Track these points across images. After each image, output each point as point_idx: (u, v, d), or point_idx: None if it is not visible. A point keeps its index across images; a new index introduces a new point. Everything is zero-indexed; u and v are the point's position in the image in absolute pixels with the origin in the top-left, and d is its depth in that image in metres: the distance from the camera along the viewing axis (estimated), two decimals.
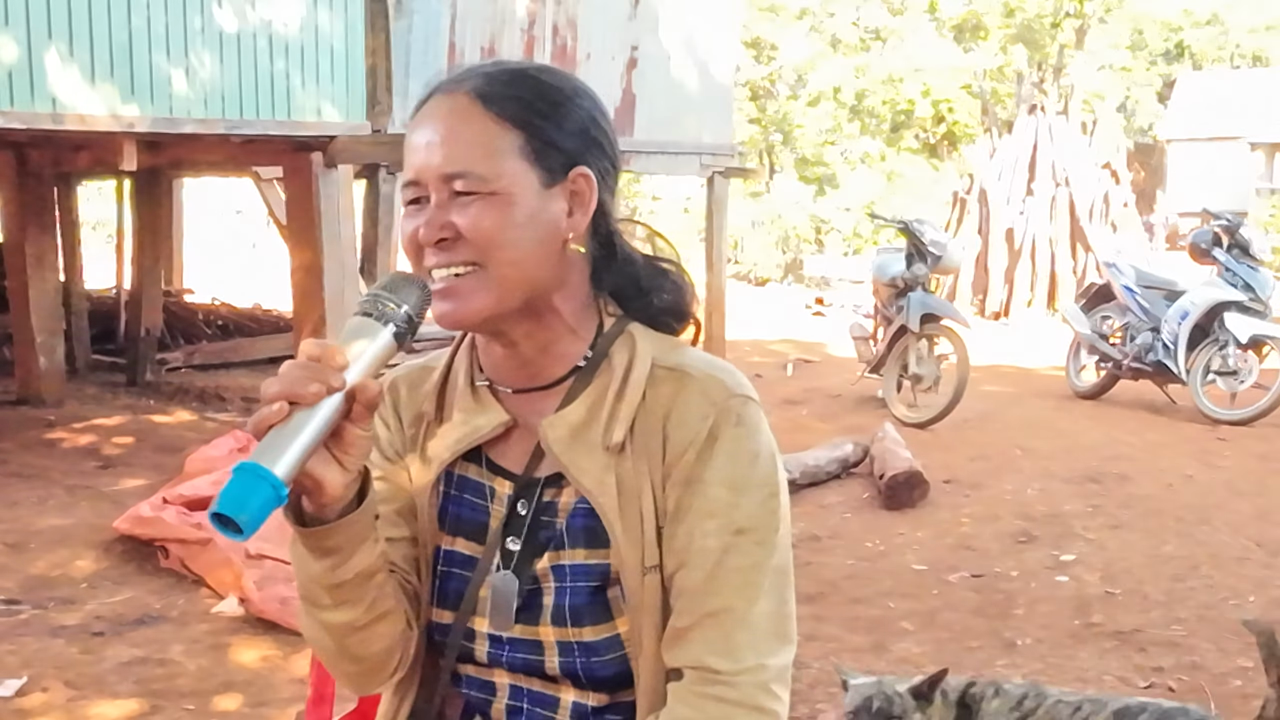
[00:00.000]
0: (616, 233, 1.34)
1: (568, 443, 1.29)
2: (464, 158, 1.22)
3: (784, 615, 1.28)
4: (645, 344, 1.31)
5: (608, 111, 1.33)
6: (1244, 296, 8.55)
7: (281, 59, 7.64)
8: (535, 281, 1.26)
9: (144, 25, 6.99)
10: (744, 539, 1.25)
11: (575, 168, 1.26)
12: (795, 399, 9.47)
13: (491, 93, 1.25)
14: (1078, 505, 6.38)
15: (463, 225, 1.22)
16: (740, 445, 1.26)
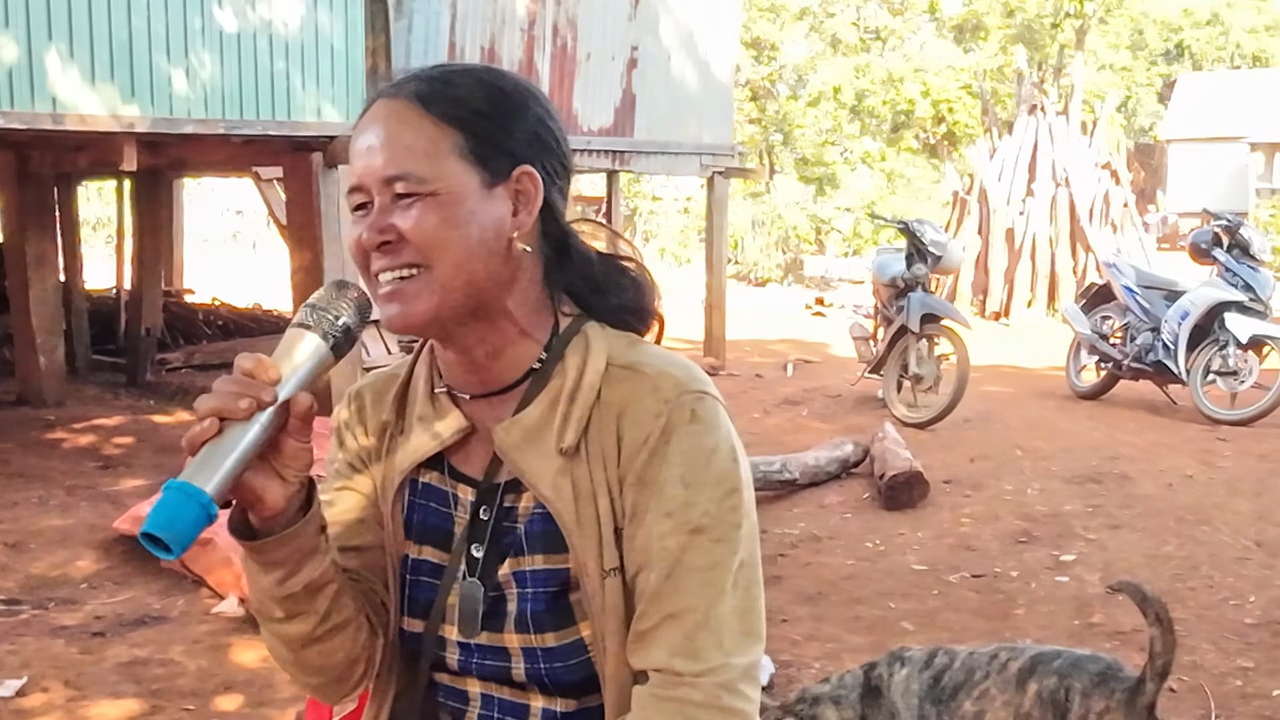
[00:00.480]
0: (570, 232, 1.33)
1: (522, 447, 1.27)
2: (403, 160, 1.22)
3: (750, 612, 1.25)
4: (600, 343, 1.29)
5: (556, 113, 1.32)
6: (1244, 297, 8.55)
7: (282, 59, 7.64)
8: (480, 282, 1.25)
9: (144, 25, 6.99)
10: (703, 537, 1.22)
11: (519, 167, 1.25)
12: (795, 399, 9.47)
13: (431, 95, 1.24)
14: (1078, 505, 6.38)
15: (404, 227, 1.22)
16: (695, 442, 1.23)
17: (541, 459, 1.26)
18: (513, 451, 1.28)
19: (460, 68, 1.30)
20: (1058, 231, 15.92)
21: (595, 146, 10.91)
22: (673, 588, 1.22)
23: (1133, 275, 9.50)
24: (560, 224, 1.31)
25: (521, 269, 1.28)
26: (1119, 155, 17.37)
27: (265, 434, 1.15)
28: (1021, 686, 2.85)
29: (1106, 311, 9.52)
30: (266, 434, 1.15)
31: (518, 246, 1.26)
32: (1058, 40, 28.52)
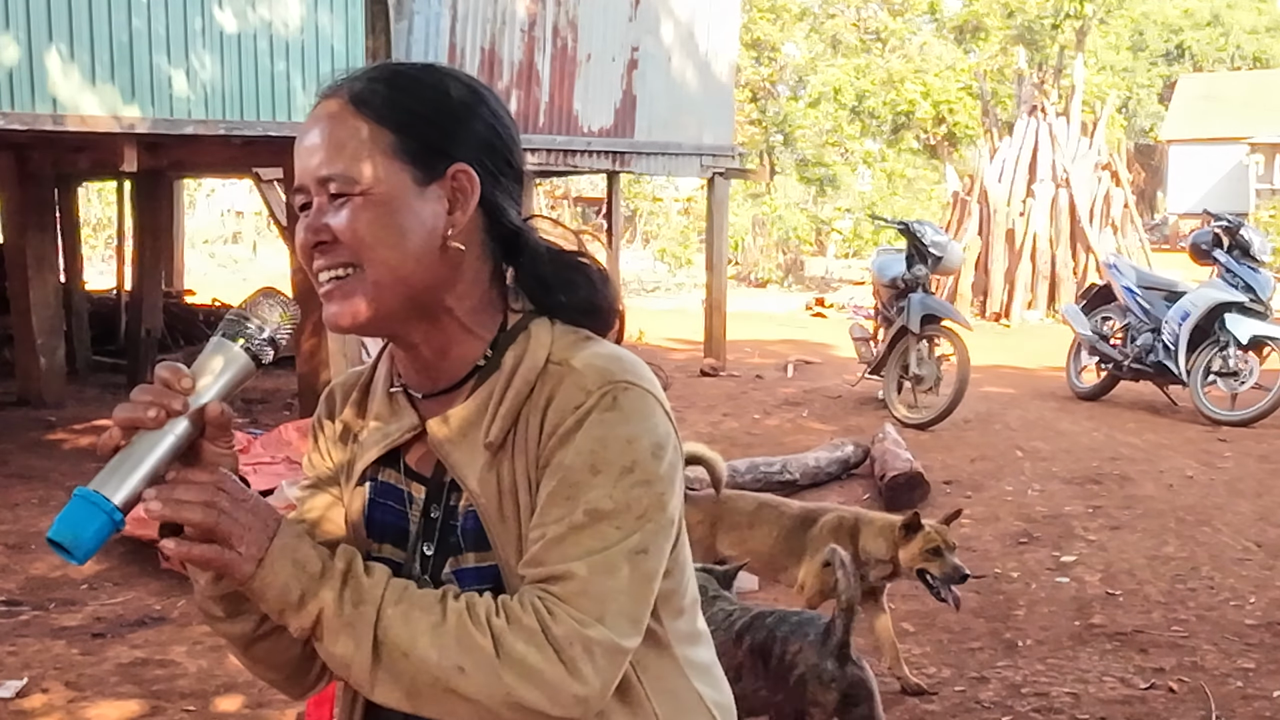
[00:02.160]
0: (522, 230, 1.32)
1: (455, 442, 1.28)
2: (336, 160, 1.23)
3: (639, 602, 1.20)
4: (541, 340, 1.28)
5: (504, 112, 1.32)
6: (1244, 297, 8.55)
7: (282, 60, 7.64)
8: (416, 281, 1.25)
9: (144, 26, 6.99)
10: (603, 523, 1.19)
11: (454, 165, 1.25)
12: (796, 400, 9.47)
13: (365, 94, 1.25)
14: (1078, 506, 6.37)
15: (336, 227, 1.23)
16: (609, 429, 1.20)
17: (471, 454, 1.27)
18: (445, 446, 1.28)
19: (401, 66, 1.31)
20: (1058, 232, 15.92)
21: (595, 147, 10.90)
22: (559, 555, 1.19)
23: (1133, 276, 9.49)
24: (509, 221, 1.30)
25: (463, 267, 1.28)
26: (1119, 156, 17.36)
27: (179, 442, 1.16)
28: (739, 641, 3.27)
29: (1107, 312, 9.52)
30: (180, 442, 1.16)
31: (452, 245, 1.25)
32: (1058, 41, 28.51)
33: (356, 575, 1.20)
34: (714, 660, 1.42)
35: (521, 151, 1.34)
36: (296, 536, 1.21)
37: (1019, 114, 17.61)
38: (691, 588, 1.38)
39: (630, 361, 1.26)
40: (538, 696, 1.15)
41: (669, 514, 1.23)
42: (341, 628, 1.19)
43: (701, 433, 8.36)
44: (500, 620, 1.17)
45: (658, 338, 14.27)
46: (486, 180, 1.27)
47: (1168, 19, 37.59)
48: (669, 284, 22.25)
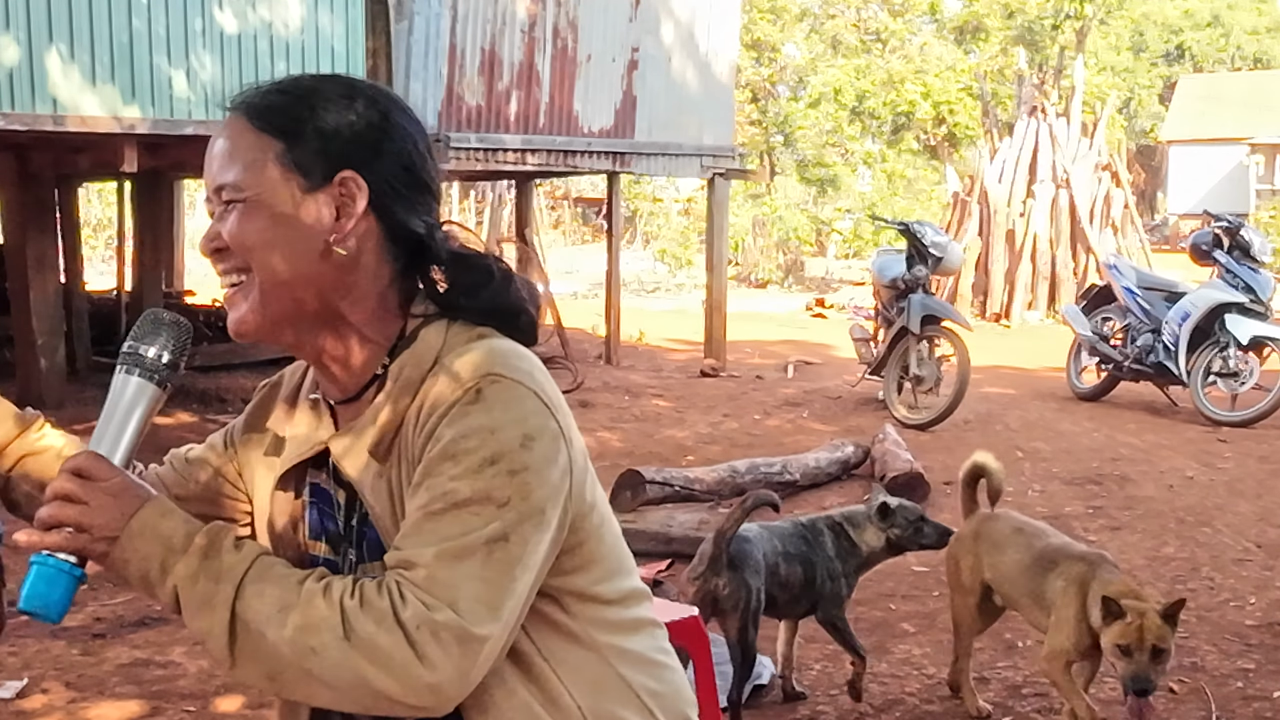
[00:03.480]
0: (426, 236, 1.31)
1: (352, 455, 1.29)
2: (226, 169, 1.27)
3: (497, 588, 1.18)
4: (430, 344, 1.28)
5: (403, 118, 1.32)
6: (1245, 298, 8.55)
7: (282, 60, 7.64)
8: (302, 287, 1.27)
9: (145, 27, 7.00)
10: (460, 510, 1.18)
11: (340, 172, 1.26)
12: (796, 400, 9.47)
13: (256, 105, 1.28)
14: (1078, 507, 6.37)
15: (225, 233, 1.27)
16: (472, 420, 1.20)
17: (365, 465, 1.28)
18: (344, 458, 1.30)
19: (302, 78, 1.33)
20: (1058, 233, 15.92)
21: (596, 148, 10.90)
22: (415, 541, 1.18)
23: (1133, 277, 9.50)
24: (408, 227, 1.30)
25: (356, 274, 1.29)
26: (1119, 157, 17.36)
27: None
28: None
29: (1107, 313, 9.52)
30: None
31: (336, 251, 1.26)
32: (1058, 42, 28.52)
33: (219, 552, 1.21)
34: (659, 649, 1.41)
35: (431, 159, 1.34)
36: (161, 514, 1.23)
37: (1019, 115, 17.62)
38: (623, 581, 1.38)
39: (507, 355, 1.26)
40: (388, 681, 1.14)
41: (534, 503, 1.20)
42: (199, 603, 1.19)
43: (702, 433, 8.37)
44: (353, 601, 1.16)
45: (658, 338, 14.27)
46: (380, 187, 1.28)
47: (1168, 20, 37.59)
48: (669, 284, 22.25)
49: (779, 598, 3.92)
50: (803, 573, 3.93)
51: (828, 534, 4.04)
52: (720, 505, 6.19)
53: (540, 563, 1.23)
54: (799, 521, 4.15)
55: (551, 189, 28.62)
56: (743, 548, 3.80)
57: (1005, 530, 3.93)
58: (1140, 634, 3.25)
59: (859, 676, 4.00)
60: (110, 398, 1.28)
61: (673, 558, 5.60)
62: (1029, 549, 3.77)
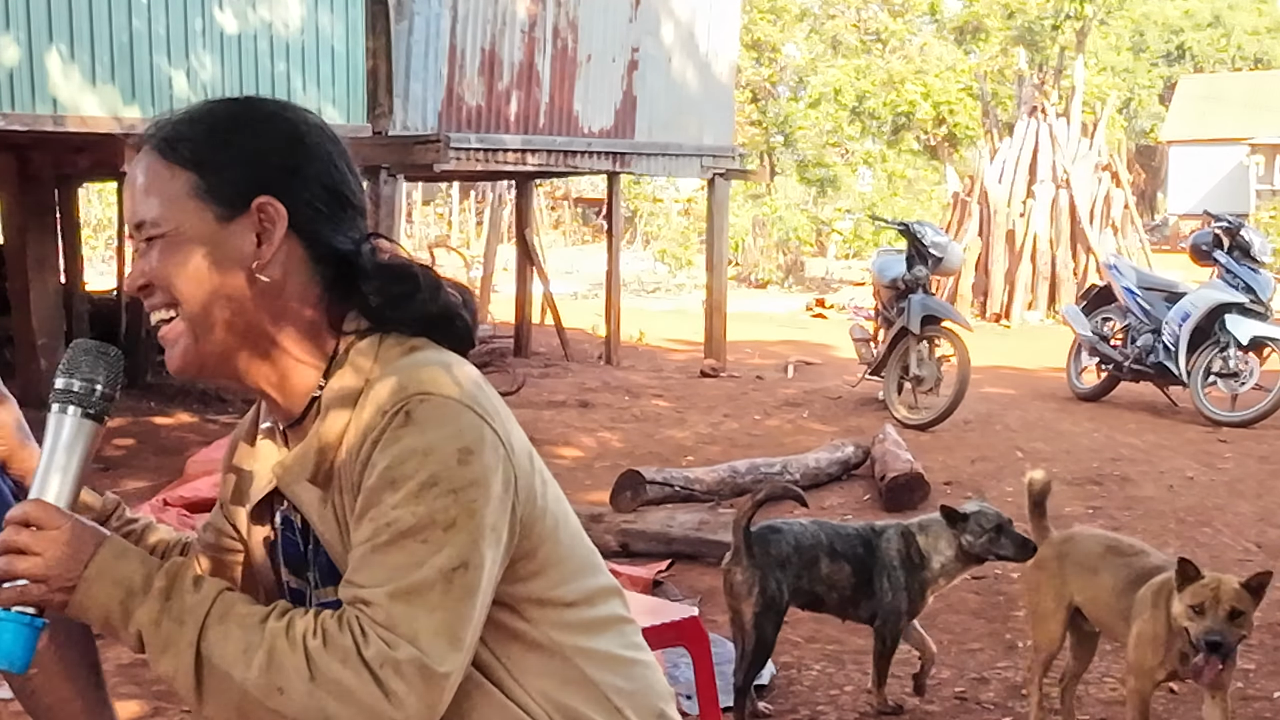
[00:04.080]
0: (351, 252, 1.29)
1: (298, 480, 1.28)
2: (143, 206, 1.26)
3: (457, 620, 1.17)
4: (360, 364, 1.27)
5: (318, 137, 1.31)
6: (1245, 298, 8.55)
7: (282, 61, 7.65)
8: (230, 317, 1.26)
9: (145, 27, 7.00)
10: (408, 539, 1.16)
11: (257, 198, 1.25)
12: (796, 401, 9.47)
13: (167, 139, 1.28)
14: (1078, 507, 6.37)
15: (148, 271, 1.27)
16: (404, 443, 1.18)
17: (309, 490, 1.27)
18: (291, 486, 1.29)
19: (207, 104, 1.32)
20: (1058, 233, 15.92)
21: (596, 148, 10.91)
22: (368, 576, 1.17)
23: (1133, 277, 9.50)
24: (333, 247, 1.29)
25: (282, 298, 1.27)
26: (1120, 157, 17.38)
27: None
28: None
29: (1107, 313, 9.52)
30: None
31: (259, 278, 1.25)
32: (1058, 42, 28.51)
33: (180, 592, 1.20)
34: (628, 644, 1.39)
35: (352, 176, 1.33)
36: (117, 556, 1.21)
37: (1019, 115, 17.62)
38: (586, 580, 1.35)
39: (434, 370, 1.23)
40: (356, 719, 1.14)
41: (483, 520, 1.19)
42: (164, 646, 1.19)
43: (702, 433, 8.37)
44: (316, 641, 1.16)
45: (658, 338, 14.27)
46: (300, 209, 1.27)
47: (1168, 20, 37.59)
48: (669, 285, 22.25)
49: (825, 596, 3.89)
50: (852, 574, 3.84)
51: (895, 540, 3.88)
52: (720, 506, 6.19)
53: (495, 578, 1.22)
54: (869, 524, 4.05)
55: (551, 189, 28.61)
56: (768, 539, 3.82)
57: (1096, 550, 3.67)
58: (1216, 594, 3.13)
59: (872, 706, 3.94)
60: (48, 439, 1.26)
61: (673, 558, 5.60)
62: (1127, 569, 3.54)
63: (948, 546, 3.82)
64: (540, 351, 12.65)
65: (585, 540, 1.38)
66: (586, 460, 7.71)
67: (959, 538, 3.80)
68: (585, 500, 6.50)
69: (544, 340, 13.01)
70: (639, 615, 3.66)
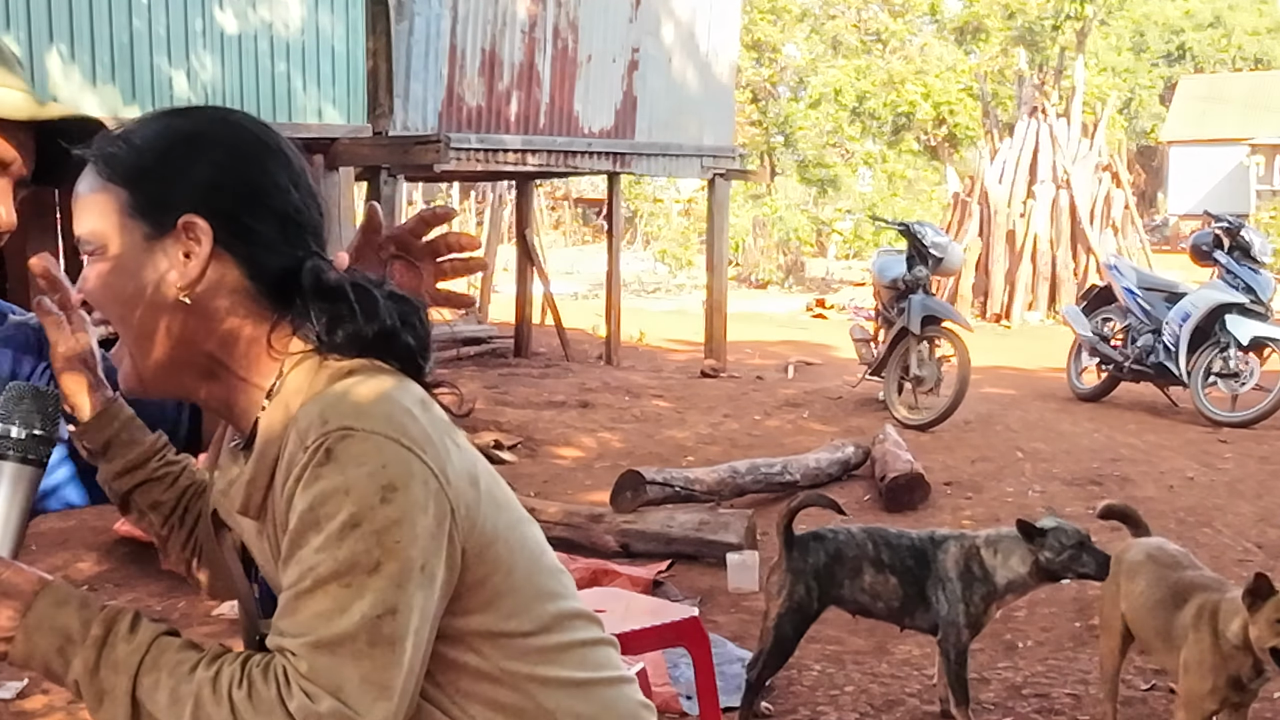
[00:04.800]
0: (289, 270, 1.25)
1: (232, 513, 1.25)
2: (81, 223, 1.25)
3: (381, 667, 1.12)
4: (293, 389, 1.22)
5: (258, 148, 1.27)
6: (1245, 299, 8.55)
7: (283, 61, 7.65)
8: (164, 337, 1.23)
9: (145, 27, 7.00)
10: (331, 584, 1.12)
11: (183, 217, 1.22)
12: (796, 401, 9.47)
13: (106, 155, 1.26)
14: (1079, 507, 6.37)
15: (85, 289, 1.26)
16: (326, 483, 1.13)
17: (245, 521, 1.25)
18: (232, 515, 1.27)
19: (151, 119, 1.29)
20: (1058, 233, 15.92)
21: (596, 148, 10.91)
22: (293, 624, 1.13)
23: (1134, 277, 9.50)
24: (269, 266, 1.24)
25: (218, 318, 1.24)
26: (1120, 157, 17.38)
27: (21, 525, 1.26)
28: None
29: (1107, 313, 9.52)
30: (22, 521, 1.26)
31: (182, 299, 1.22)
32: (1059, 42, 28.51)
33: (115, 640, 1.17)
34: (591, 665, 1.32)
35: (296, 190, 1.28)
36: (56, 604, 1.18)
37: (1019, 115, 17.62)
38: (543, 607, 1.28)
39: (359, 401, 1.18)
40: None
41: (410, 560, 1.13)
42: (99, 695, 1.16)
43: (702, 434, 8.37)
44: (241, 693, 1.12)
45: (658, 339, 14.27)
46: (230, 227, 1.23)
47: (1169, 20, 37.59)
48: (669, 285, 22.26)
49: (870, 605, 3.88)
50: (899, 585, 3.80)
51: (953, 553, 3.78)
52: (720, 506, 6.19)
53: (431, 617, 1.17)
54: (929, 534, 3.97)
55: (552, 189, 28.62)
56: (807, 545, 3.87)
57: (1138, 556, 3.52)
58: None
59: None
60: None
61: (673, 558, 5.60)
62: (1161, 581, 3.39)
63: (1020, 563, 3.68)
64: (540, 352, 12.65)
65: (548, 563, 1.32)
66: (587, 460, 7.71)
67: (1036, 554, 3.65)
68: (585, 500, 6.50)
69: (544, 340, 13.01)
70: (639, 615, 3.68)
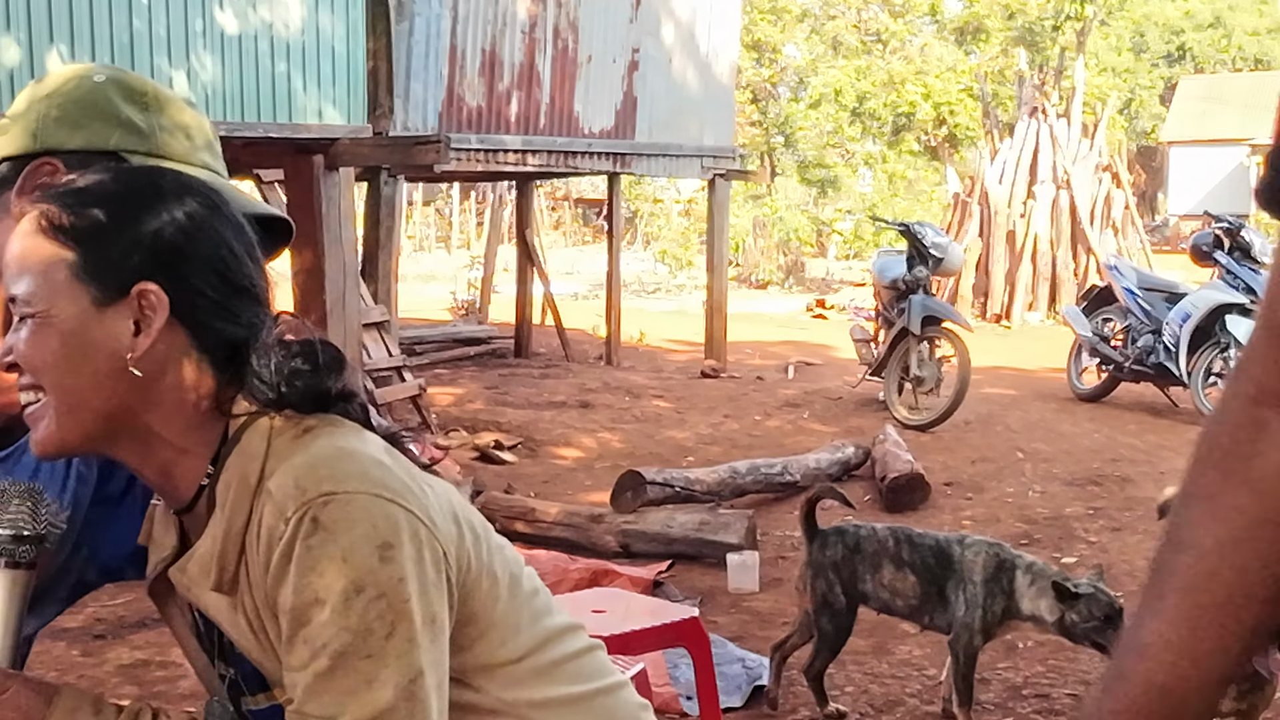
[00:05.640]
0: (243, 340, 1.20)
1: (200, 584, 1.19)
2: (16, 280, 1.17)
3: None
4: (252, 453, 1.17)
5: (214, 216, 1.21)
6: (1245, 299, 8.54)
7: (283, 61, 7.64)
8: (101, 407, 1.16)
9: (145, 27, 7.00)
10: (350, 659, 1.09)
11: (138, 284, 1.15)
12: (796, 401, 9.47)
13: (55, 210, 1.18)
14: (1079, 508, 6.37)
15: (15, 350, 1.16)
16: (319, 552, 1.09)
17: (215, 596, 1.18)
18: (193, 590, 1.20)
19: (105, 176, 1.23)
20: (1059, 234, 15.92)
21: (596, 149, 10.91)
22: (318, 706, 1.09)
23: (1134, 277, 9.50)
24: (222, 336, 1.19)
25: (162, 388, 1.17)
26: (1120, 158, 17.37)
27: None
28: None
29: (1108, 314, 9.52)
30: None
31: (131, 371, 1.15)
32: (1059, 43, 28.50)
33: None
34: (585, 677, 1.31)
35: (249, 260, 1.24)
36: (70, 712, 1.16)
37: (1020, 115, 17.61)
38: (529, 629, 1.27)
39: (332, 461, 1.14)
40: None
41: (422, 614, 1.11)
42: None
43: (703, 434, 8.37)
44: None
45: (658, 339, 14.27)
46: (185, 297, 1.17)
47: (1169, 20, 37.58)
48: (669, 285, 22.25)
49: (890, 602, 3.90)
50: (918, 584, 3.81)
51: (981, 556, 3.76)
52: (720, 506, 6.19)
53: (445, 665, 1.16)
54: (957, 535, 3.98)
55: (552, 190, 28.62)
56: (827, 540, 3.94)
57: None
58: None
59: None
60: None
61: (673, 558, 5.60)
62: None
63: (1048, 610, 3.64)
64: (540, 352, 12.65)
65: (527, 583, 1.30)
66: (587, 461, 7.71)
67: (1064, 613, 3.60)
68: (585, 500, 6.50)
69: (544, 341, 13.01)
70: (639, 616, 3.68)
